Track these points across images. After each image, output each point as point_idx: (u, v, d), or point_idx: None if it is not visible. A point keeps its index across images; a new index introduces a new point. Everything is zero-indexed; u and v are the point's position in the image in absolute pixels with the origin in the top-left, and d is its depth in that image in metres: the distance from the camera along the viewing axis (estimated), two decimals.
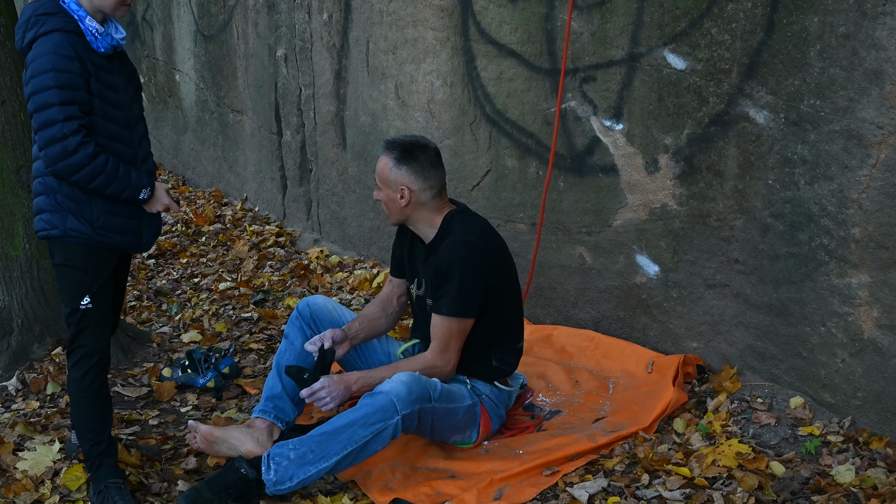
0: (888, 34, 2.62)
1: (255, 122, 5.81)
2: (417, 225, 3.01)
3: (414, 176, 2.91)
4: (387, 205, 2.97)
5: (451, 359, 2.95)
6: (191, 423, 3.03)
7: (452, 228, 2.95)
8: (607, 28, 3.41)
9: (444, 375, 2.96)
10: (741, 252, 3.16)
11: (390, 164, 2.91)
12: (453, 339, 2.93)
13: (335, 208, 5.20)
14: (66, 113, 2.55)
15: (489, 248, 2.96)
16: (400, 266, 3.21)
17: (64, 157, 2.57)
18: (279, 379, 3.10)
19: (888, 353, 2.79)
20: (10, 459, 3.01)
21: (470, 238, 2.92)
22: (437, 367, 2.93)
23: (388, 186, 2.94)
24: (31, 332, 3.78)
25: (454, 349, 2.94)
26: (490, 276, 2.94)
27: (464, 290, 2.88)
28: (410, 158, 2.91)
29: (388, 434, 2.73)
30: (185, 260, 5.41)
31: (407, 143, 2.95)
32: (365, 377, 2.91)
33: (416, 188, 2.92)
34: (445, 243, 2.93)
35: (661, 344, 3.52)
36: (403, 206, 2.94)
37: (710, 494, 2.63)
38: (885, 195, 2.71)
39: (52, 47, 2.56)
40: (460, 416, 2.94)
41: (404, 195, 2.92)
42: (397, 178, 2.91)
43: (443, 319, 2.91)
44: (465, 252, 2.89)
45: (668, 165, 3.32)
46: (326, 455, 2.70)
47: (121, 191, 2.69)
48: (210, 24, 6.16)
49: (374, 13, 4.51)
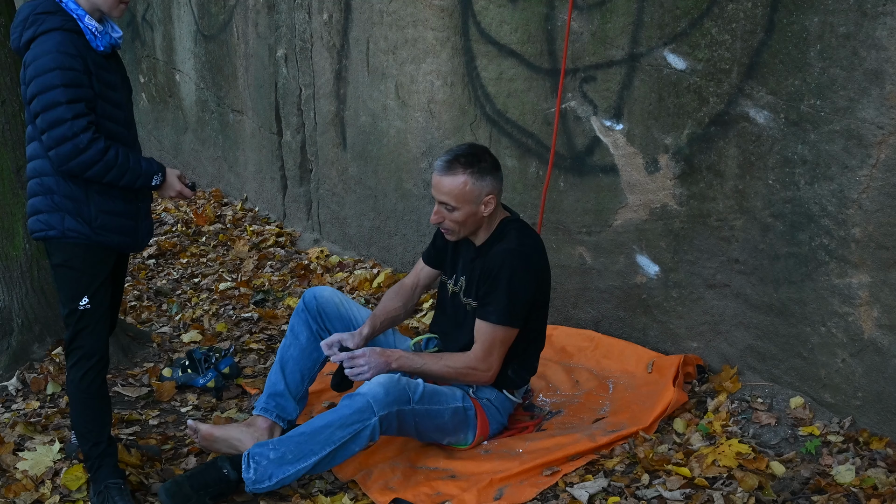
0: (888, 34, 2.61)
1: (255, 122, 5.81)
2: (479, 230, 2.96)
3: (496, 181, 2.87)
4: (464, 222, 2.87)
5: (493, 365, 2.92)
6: (190, 422, 3.02)
7: (508, 235, 2.92)
8: (607, 28, 3.41)
9: (482, 381, 2.94)
10: (741, 252, 3.16)
11: (470, 178, 2.80)
12: (497, 346, 2.90)
13: (335, 208, 5.20)
14: (75, 111, 2.55)
15: (541, 263, 2.95)
16: (440, 256, 3.16)
17: (77, 155, 2.57)
18: (282, 375, 3.08)
19: (888, 353, 2.79)
20: (10, 459, 3.01)
21: (526, 249, 2.89)
22: (478, 370, 2.90)
23: (470, 202, 2.83)
24: (32, 332, 3.78)
25: (497, 357, 2.91)
26: (538, 290, 2.93)
27: (514, 299, 2.85)
28: (487, 166, 2.85)
29: (367, 435, 2.72)
30: (186, 260, 5.41)
31: (474, 153, 2.86)
32: (406, 357, 2.88)
33: (498, 191, 2.89)
34: (499, 248, 2.88)
35: (662, 344, 3.52)
36: (485, 216, 2.89)
37: (710, 494, 2.63)
38: (885, 195, 2.71)
39: (55, 45, 2.55)
40: (446, 418, 2.91)
41: (489, 204, 2.87)
42: (483, 189, 2.83)
43: (489, 326, 2.87)
44: (520, 263, 2.86)
45: (668, 165, 3.31)
46: (305, 455, 2.69)
47: (134, 180, 2.69)
48: (210, 24, 6.16)
49: (374, 13, 4.51)
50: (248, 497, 2.81)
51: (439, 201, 2.87)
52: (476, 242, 2.99)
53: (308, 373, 3.12)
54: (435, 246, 3.18)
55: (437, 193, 2.86)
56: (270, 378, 3.11)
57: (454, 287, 3.07)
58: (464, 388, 3.00)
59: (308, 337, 3.12)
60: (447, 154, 2.87)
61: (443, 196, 2.84)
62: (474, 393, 3.01)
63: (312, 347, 3.10)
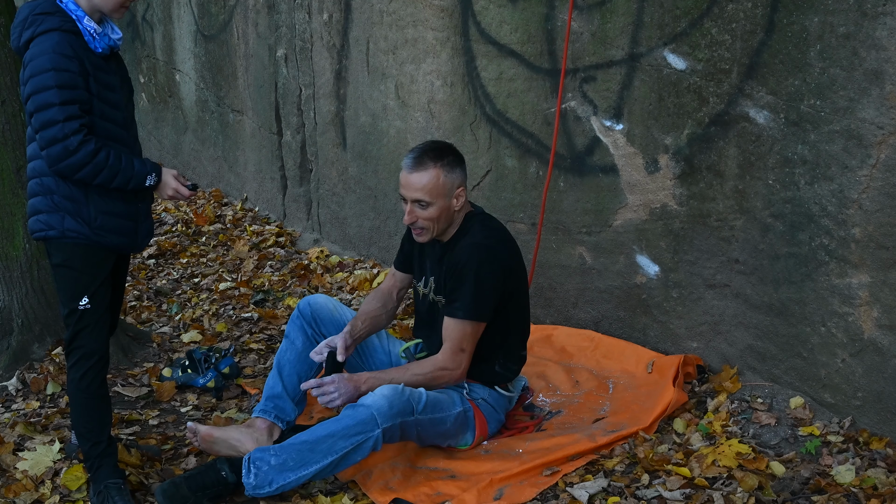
0: (888, 34, 2.61)
1: (255, 122, 5.81)
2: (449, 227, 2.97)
3: (464, 175, 2.90)
4: (438, 217, 2.87)
5: (463, 362, 2.92)
6: (190, 424, 3.03)
7: (472, 229, 2.93)
8: (607, 28, 3.41)
9: (454, 379, 2.95)
10: (741, 252, 3.16)
11: (442, 171, 2.82)
12: (466, 342, 2.90)
13: (335, 208, 5.20)
14: (67, 113, 2.55)
15: (507, 253, 2.95)
16: (407, 261, 3.18)
17: (66, 157, 2.57)
18: (280, 378, 3.09)
19: (888, 353, 2.79)
20: (10, 459, 3.01)
21: (489, 241, 2.90)
22: (448, 369, 2.91)
23: (444, 196, 2.84)
24: (31, 332, 3.78)
25: (467, 353, 2.92)
26: (506, 281, 2.92)
27: (480, 293, 2.85)
28: (455, 159, 2.87)
29: (369, 446, 2.72)
30: (185, 260, 5.41)
31: (440, 147, 2.88)
32: (375, 378, 2.89)
33: (465, 185, 2.91)
34: (463, 244, 2.90)
35: (661, 344, 3.52)
36: (457, 210, 2.90)
37: (710, 494, 2.63)
38: (885, 195, 2.70)
39: (52, 46, 2.55)
40: (449, 425, 2.93)
41: (461, 197, 2.88)
42: (454, 181, 2.86)
43: (457, 322, 2.88)
44: (483, 255, 2.86)
45: (668, 165, 3.31)
46: (307, 463, 2.70)
47: (126, 181, 2.69)
48: (210, 24, 6.16)
49: (374, 13, 4.51)
50: (247, 498, 2.81)
51: (412, 200, 2.85)
52: (443, 239, 3.00)
53: (305, 376, 3.12)
54: (403, 251, 3.21)
55: (408, 192, 2.85)
56: (268, 383, 3.13)
57: (424, 289, 3.09)
58: (459, 390, 3.00)
59: (304, 342, 3.13)
60: (413, 152, 2.88)
61: (416, 193, 2.83)
62: (469, 394, 3.01)
63: (308, 352, 3.11)
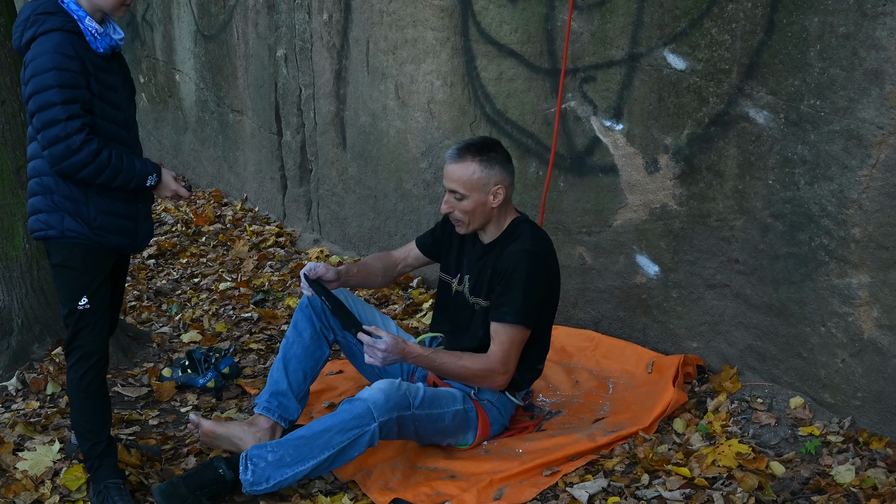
0: (888, 34, 2.61)
1: (255, 122, 5.81)
2: (488, 225, 2.96)
3: (506, 172, 2.89)
4: (473, 211, 2.88)
5: (511, 368, 2.89)
6: (192, 417, 3.03)
7: (521, 235, 2.92)
8: (607, 28, 3.41)
9: (498, 384, 2.91)
10: (741, 252, 3.16)
11: (479, 167, 2.83)
12: (514, 347, 2.88)
13: (335, 208, 5.20)
14: (69, 112, 2.55)
15: (553, 263, 2.95)
16: (435, 248, 3.17)
17: (68, 156, 2.57)
18: (285, 374, 3.06)
19: (888, 353, 2.79)
20: (10, 459, 3.01)
21: (538, 248, 2.90)
22: (497, 372, 2.87)
23: (479, 190, 2.84)
24: (31, 332, 3.78)
25: (514, 358, 2.89)
26: (548, 290, 2.93)
27: (528, 299, 2.84)
28: (497, 156, 2.87)
29: (366, 440, 2.71)
30: (185, 260, 5.41)
31: (484, 143, 2.90)
32: (424, 357, 2.83)
33: (508, 183, 2.90)
34: (513, 249, 2.88)
35: (661, 344, 3.52)
36: (493, 207, 2.89)
37: (710, 494, 2.63)
38: (885, 195, 2.70)
39: (53, 46, 2.55)
40: (447, 422, 2.91)
41: (498, 195, 2.87)
42: (491, 177, 2.85)
43: (505, 327, 2.86)
44: (533, 262, 2.86)
45: (668, 165, 3.31)
46: (304, 458, 2.70)
47: (128, 181, 2.69)
48: (210, 24, 6.16)
49: (374, 13, 4.51)
50: (247, 497, 2.81)
51: (449, 189, 2.88)
52: (484, 240, 2.99)
53: (311, 371, 3.11)
54: (433, 236, 3.18)
55: (447, 182, 2.88)
56: (273, 375, 3.10)
57: (458, 286, 3.06)
58: (464, 388, 3.00)
59: (311, 335, 3.09)
60: (459, 143, 2.91)
61: (452, 184, 2.86)
62: (475, 394, 3.01)
63: (315, 346, 3.09)
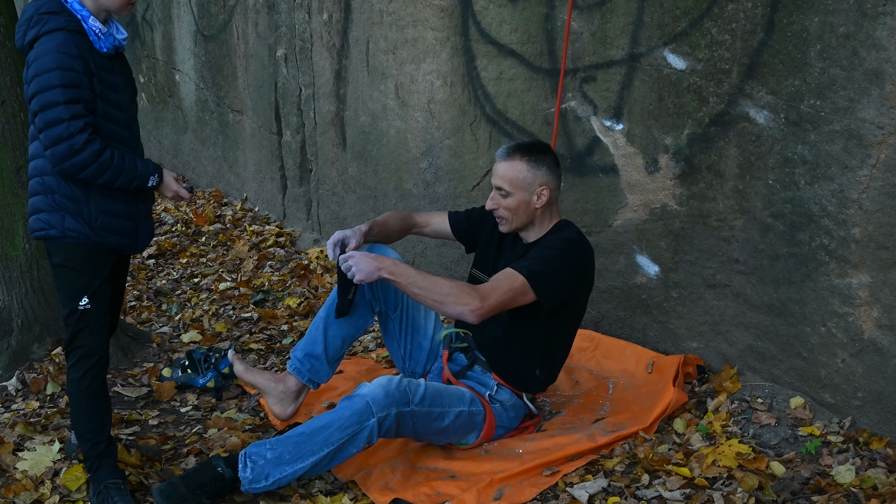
0: (888, 34, 2.61)
1: (255, 122, 5.81)
2: (531, 227, 2.99)
3: (552, 175, 2.93)
4: (516, 209, 2.92)
5: (487, 306, 2.71)
6: (230, 353, 3.12)
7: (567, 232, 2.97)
8: (607, 28, 3.41)
9: (467, 313, 2.70)
10: (741, 252, 3.16)
11: (526, 166, 2.88)
12: (504, 292, 2.75)
13: (335, 208, 5.20)
14: (72, 111, 2.55)
15: (589, 257, 2.97)
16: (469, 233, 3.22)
17: (71, 156, 2.57)
18: (324, 337, 3.03)
19: (888, 353, 2.79)
20: (10, 459, 3.01)
21: (579, 240, 2.94)
22: (472, 297, 2.70)
23: (523, 190, 2.89)
24: (31, 332, 3.78)
25: (497, 300, 2.74)
26: (577, 278, 2.93)
27: (550, 267, 2.83)
28: (546, 158, 2.92)
29: (364, 437, 2.71)
30: (185, 260, 5.41)
31: (534, 145, 2.96)
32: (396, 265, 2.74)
33: (553, 186, 2.93)
34: (555, 236, 2.94)
35: (661, 344, 3.52)
36: (537, 208, 2.93)
37: (710, 495, 2.63)
38: (885, 195, 2.70)
39: (56, 46, 2.55)
40: (447, 422, 2.88)
41: (542, 196, 2.91)
42: (536, 178, 2.89)
43: (510, 272, 2.81)
44: (568, 246, 2.90)
45: (668, 165, 3.31)
46: (303, 455, 2.69)
47: (129, 181, 2.69)
48: (210, 24, 6.16)
49: (374, 13, 4.51)
50: (247, 497, 2.81)
51: (496, 186, 2.94)
52: (526, 240, 3.02)
53: (349, 339, 3.08)
54: (470, 218, 3.23)
55: (494, 178, 2.95)
56: (311, 333, 3.05)
57: None
58: (478, 389, 2.99)
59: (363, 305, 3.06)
60: (510, 143, 2.99)
61: (499, 180, 2.92)
62: (493, 394, 3.00)
63: (360, 313, 3.05)
